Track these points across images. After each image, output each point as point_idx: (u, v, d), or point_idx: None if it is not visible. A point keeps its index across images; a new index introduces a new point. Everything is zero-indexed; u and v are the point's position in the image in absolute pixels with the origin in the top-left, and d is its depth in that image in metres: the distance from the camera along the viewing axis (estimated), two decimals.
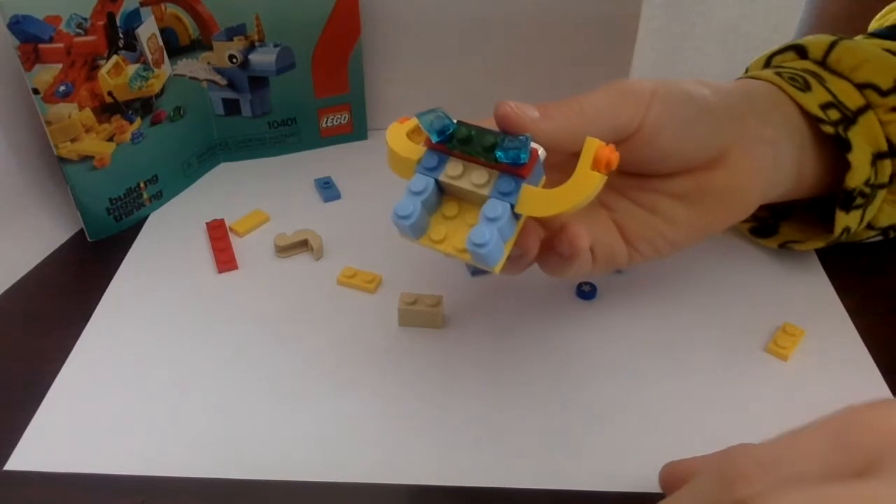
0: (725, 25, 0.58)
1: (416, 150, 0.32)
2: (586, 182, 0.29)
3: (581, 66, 0.59)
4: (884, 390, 0.38)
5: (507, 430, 0.37)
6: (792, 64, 0.44)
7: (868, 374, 0.39)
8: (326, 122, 0.60)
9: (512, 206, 0.30)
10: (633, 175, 0.37)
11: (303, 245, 0.49)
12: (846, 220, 0.42)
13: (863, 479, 0.21)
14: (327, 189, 0.55)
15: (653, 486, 0.32)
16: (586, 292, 0.44)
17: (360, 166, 0.58)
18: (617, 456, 0.35)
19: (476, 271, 0.47)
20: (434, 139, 0.31)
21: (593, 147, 0.29)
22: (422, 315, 0.42)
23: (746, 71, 0.48)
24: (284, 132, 0.59)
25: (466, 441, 0.36)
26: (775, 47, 0.46)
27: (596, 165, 0.29)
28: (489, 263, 0.30)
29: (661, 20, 0.58)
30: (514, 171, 0.30)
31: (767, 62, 0.46)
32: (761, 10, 0.58)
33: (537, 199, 0.30)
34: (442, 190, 0.32)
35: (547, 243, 0.34)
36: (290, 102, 0.57)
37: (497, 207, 0.29)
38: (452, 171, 0.31)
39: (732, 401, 0.38)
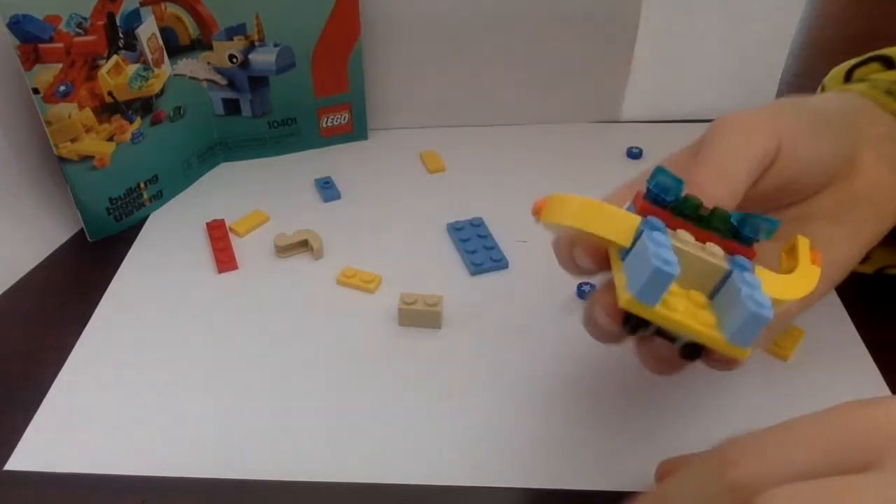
0: (725, 25, 0.58)
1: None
2: (811, 274, 0.28)
3: (581, 66, 0.59)
4: (884, 390, 0.38)
5: (506, 429, 0.37)
6: (879, 76, 0.41)
7: (868, 374, 0.39)
8: (326, 122, 0.60)
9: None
10: (779, 209, 0.35)
11: (303, 245, 0.49)
12: None
13: (863, 475, 0.21)
14: (327, 189, 0.55)
15: (652, 486, 0.32)
16: (586, 292, 0.44)
17: (360, 166, 0.58)
18: (617, 456, 0.35)
19: (476, 270, 0.46)
20: (666, 198, 0.27)
21: (807, 244, 0.29)
22: (422, 315, 0.42)
23: (822, 88, 0.45)
24: (284, 132, 0.59)
25: (466, 441, 0.36)
26: (854, 59, 0.44)
27: (813, 259, 0.28)
28: (752, 340, 0.25)
29: (661, 20, 0.58)
30: (745, 250, 0.27)
31: (848, 75, 0.44)
32: (761, 10, 0.58)
33: (774, 283, 0.27)
34: None
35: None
36: (290, 102, 0.57)
37: (753, 279, 0.26)
38: (684, 237, 0.27)
39: (732, 401, 0.38)
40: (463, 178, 0.56)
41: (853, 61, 0.44)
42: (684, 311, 0.26)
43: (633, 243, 0.26)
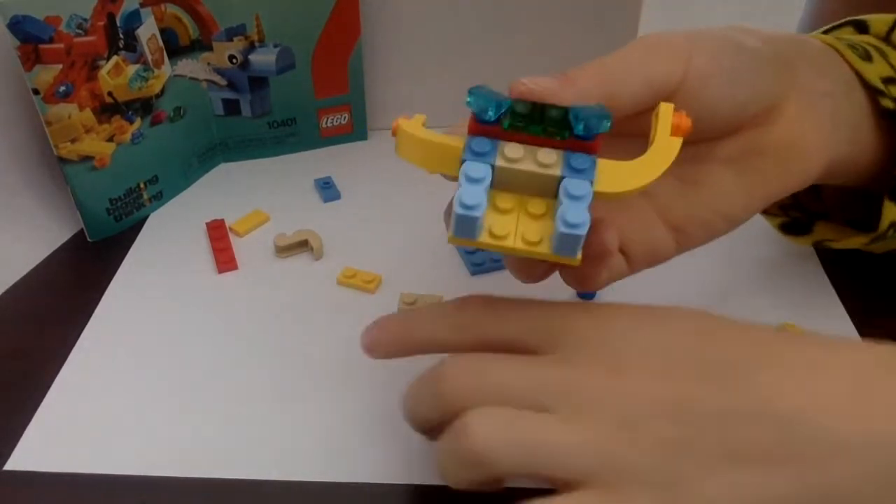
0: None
1: (456, 138, 0.27)
2: (668, 149, 0.27)
3: None
4: None
5: None
6: (851, 37, 0.39)
7: None
8: (326, 123, 0.60)
9: (591, 184, 0.26)
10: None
11: (303, 245, 0.49)
12: (895, 213, 0.36)
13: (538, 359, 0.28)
14: (327, 189, 0.55)
15: None
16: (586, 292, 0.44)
17: (360, 166, 0.58)
18: None
19: (476, 270, 0.46)
20: (488, 118, 0.26)
21: (670, 111, 0.27)
22: None
23: None
24: (284, 132, 0.59)
25: None
26: (828, 26, 0.41)
27: (674, 131, 0.27)
28: (576, 251, 0.26)
29: (661, 20, 0.58)
30: (586, 146, 0.26)
31: None
32: (761, 10, 0.58)
33: (617, 174, 0.26)
34: (491, 182, 0.27)
35: None
36: (290, 102, 0.57)
37: (580, 185, 0.26)
38: (512, 153, 0.26)
39: None
40: None
41: (828, 26, 0.42)
42: (509, 233, 0.26)
43: None
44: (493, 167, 0.26)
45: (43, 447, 0.37)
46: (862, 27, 0.40)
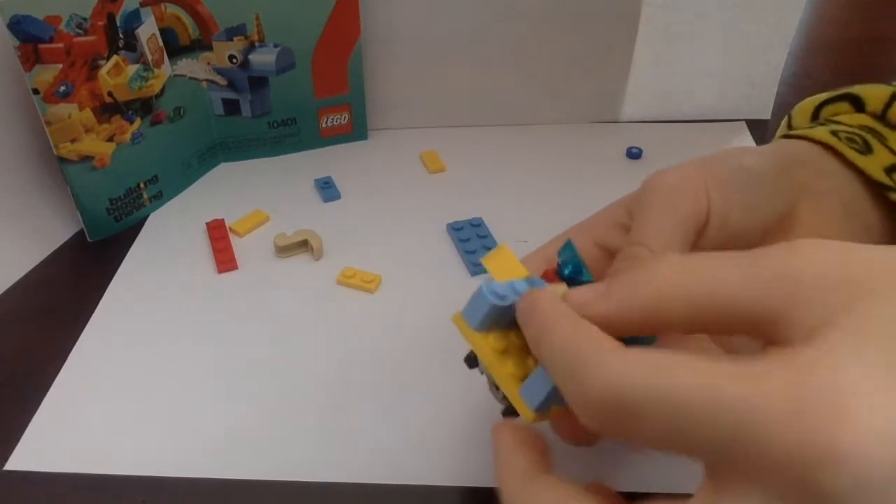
0: (725, 25, 0.58)
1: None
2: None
3: (581, 66, 0.60)
4: None
5: None
6: (846, 118, 0.39)
7: None
8: (326, 122, 0.60)
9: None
10: None
11: (303, 245, 0.49)
12: None
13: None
14: (327, 189, 0.55)
15: (651, 487, 0.32)
16: None
17: (360, 166, 0.58)
18: (617, 456, 0.35)
19: (476, 270, 0.46)
20: (564, 272, 0.28)
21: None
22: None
23: (789, 118, 0.43)
24: (284, 132, 0.59)
25: (467, 441, 0.36)
26: (825, 94, 0.41)
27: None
28: (538, 400, 0.25)
29: (661, 20, 0.58)
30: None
31: (816, 113, 0.42)
32: (761, 10, 0.58)
33: None
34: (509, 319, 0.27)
35: None
36: (290, 102, 0.57)
37: None
38: None
39: None
40: (463, 178, 0.56)
41: (824, 96, 0.42)
42: (501, 350, 0.26)
43: None
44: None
45: (43, 447, 0.37)
46: (857, 103, 0.40)
